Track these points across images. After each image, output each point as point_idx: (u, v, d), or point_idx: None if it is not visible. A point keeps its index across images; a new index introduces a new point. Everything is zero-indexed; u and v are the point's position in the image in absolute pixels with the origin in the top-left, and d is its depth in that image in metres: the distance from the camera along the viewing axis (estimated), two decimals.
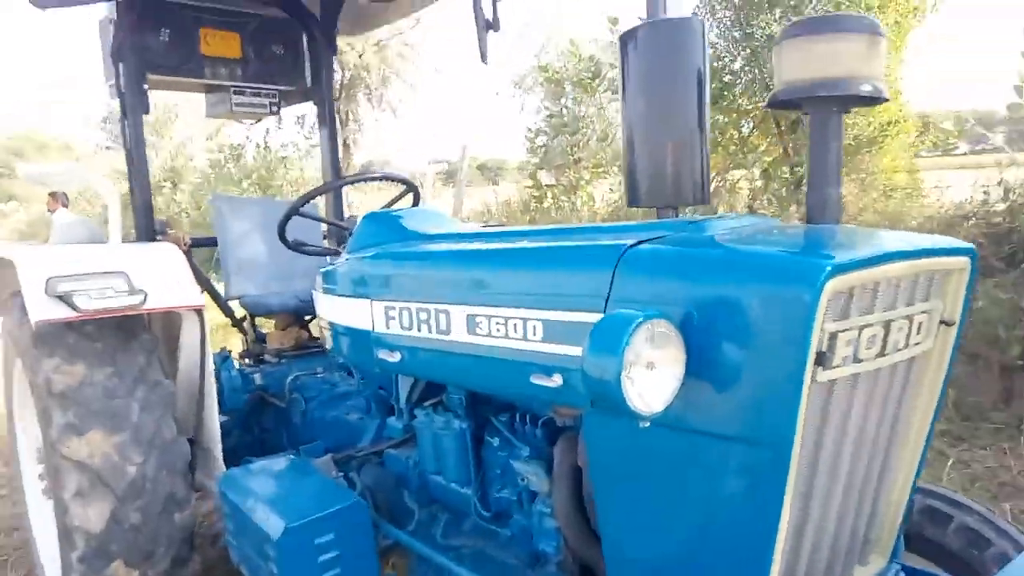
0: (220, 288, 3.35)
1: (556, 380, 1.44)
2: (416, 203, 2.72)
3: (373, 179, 2.69)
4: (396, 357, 1.92)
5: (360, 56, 15.90)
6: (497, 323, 1.56)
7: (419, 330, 1.81)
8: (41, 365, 2.44)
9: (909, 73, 7.56)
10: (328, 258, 2.57)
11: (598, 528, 1.52)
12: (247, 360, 3.33)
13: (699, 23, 1.52)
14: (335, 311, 2.21)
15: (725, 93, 7.45)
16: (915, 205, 6.72)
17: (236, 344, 3.67)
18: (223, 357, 3.04)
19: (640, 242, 1.35)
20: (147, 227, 3.07)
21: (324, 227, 3.54)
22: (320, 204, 3.84)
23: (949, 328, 1.42)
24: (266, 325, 3.55)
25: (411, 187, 2.65)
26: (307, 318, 3.41)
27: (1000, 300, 5.10)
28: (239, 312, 3.47)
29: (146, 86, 3.10)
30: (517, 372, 1.52)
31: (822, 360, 1.15)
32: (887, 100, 1.38)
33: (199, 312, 2.62)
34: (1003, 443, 4.41)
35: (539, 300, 1.47)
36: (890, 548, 1.59)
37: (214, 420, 2.69)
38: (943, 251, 1.34)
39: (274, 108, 3.60)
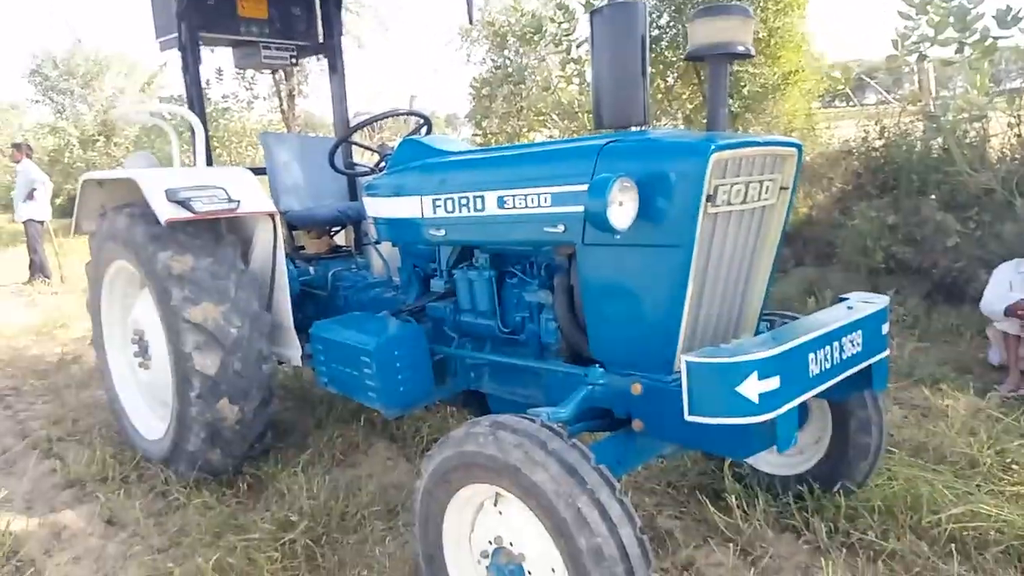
0: None
1: (560, 228, 2.43)
2: (429, 132, 3.63)
3: (399, 115, 3.60)
4: (442, 233, 2.87)
5: None
6: (519, 199, 2.53)
7: (460, 212, 2.76)
8: (158, 257, 3.29)
9: (816, 28, 8.64)
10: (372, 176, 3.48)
11: (584, 321, 2.54)
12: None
13: (643, 6, 2.46)
14: (388, 209, 3.12)
15: (653, 46, 8.43)
16: (808, 143, 7.96)
17: None
18: None
19: (609, 142, 2.34)
20: (208, 156, 3.89)
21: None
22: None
23: (784, 192, 2.47)
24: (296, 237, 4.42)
25: (427, 120, 3.58)
26: (336, 229, 4.30)
27: (871, 218, 6.36)
28: None
29: (200, 43, 3.90)
30: (534, 228, 2.51)
31: (711, 199, 2.17)
32: (753, 56, 2.38)
33: (272, 216, 3.49)
34: None
35: (548, 180, 2.44)
36: (753, 330, 2.65)
37: (286, 300, 3.59)
38: (782, 143, 2.38)
39: (293, 60, 4.42)
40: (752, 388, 1.97)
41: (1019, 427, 3.55)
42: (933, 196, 6.35)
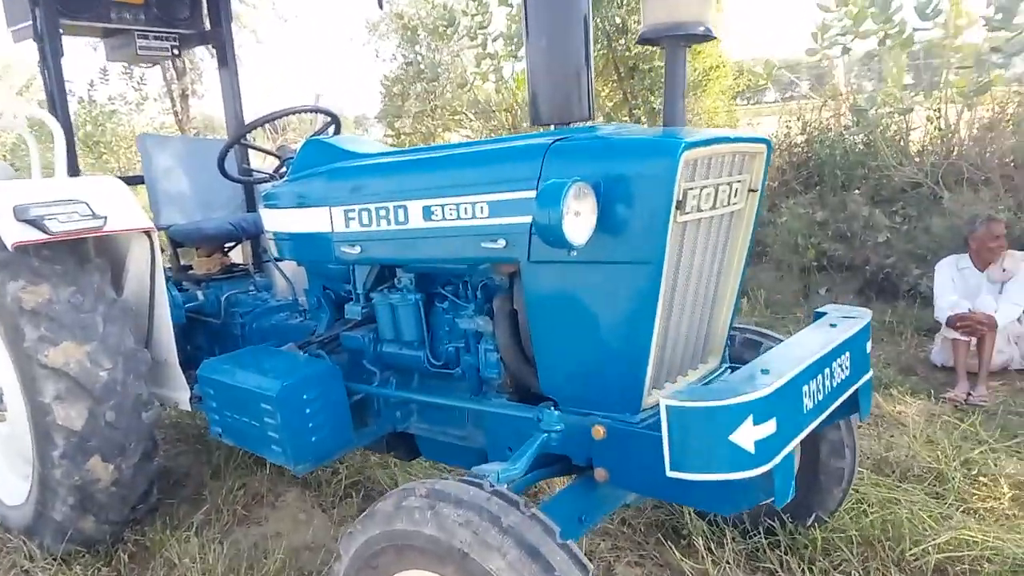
0: None
1: (500, 243, 2.02)
2: (337, 132, 3.15)
3: (302, 111, 3.09)
4: (356, 250, 2.41)
5: None
6: (450, 209, 2.11)
7: (379, 225, 2.32)
8: (7, 288, 2.69)
9: (728, 24, 8.63)
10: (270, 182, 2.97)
11: (531, 351, 2.14)
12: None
13: None
14: (290, 222, 2.64)
15: None
16: None
17: None
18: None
19: (557, 140, 1.95)
20: (72, 164, 3.28)
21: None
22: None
23: (753, 194, 2.14)
24: (183, 256, 3.84)
25: (335, 118, 3.09)
26: (229, 245, 3.74)
27: (799, 215, 6.26)
28: None
29: (61, 31, 3.28)
30: (469, 243, 2.09)
31: (680, 206, 1.81)
32: (715, 38, 2.05)
33: (148, 234, 2.94)
34: None
35: (484, 186, 2.03)
36: (721, 352, 2.33)
37: (169, 332, 3.03)
38: (751, 139, 2.05)
39: (175, 51, 3.83)
40: (747, 435, 1.62)
41: (977, 434, 3.39)
42: (857, 191, 6.30)
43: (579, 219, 1.75)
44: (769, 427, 1.64)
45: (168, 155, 3.63)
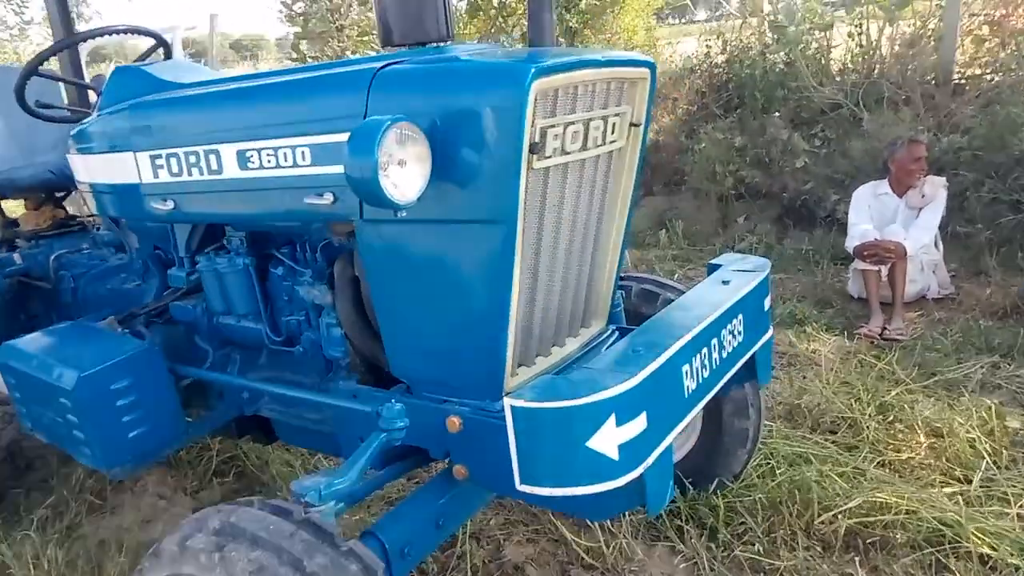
0: None
1: (328, 199, 1.63)
2: (168, 58, 2.65)
3: (116, 32, 2.55)
4: (169, 206, 1.99)
5: None
6: (268, 155, 1.70)
7: (190, 174, 1.89)
8: None
9: None
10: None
11: (378, 327, 1.79)
12: None
13: None
14: (96, 170, 2.19)
15: None
16: None
17: None
18: None
19: (387, 65, 1.55)
20: None
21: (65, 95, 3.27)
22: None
23: (637, 129, 1.79)
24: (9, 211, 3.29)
25: (161, 41, 2.58)
26: (60, 195, 3.21)
27: (718, 141, 5.96)
28: None
29: None
30: (291, 197, 1.70)
31: (535, 150, 1.45)
32: None
33: None
34: None
35: (304, 127, 1.62)
36: (606, 313, 2.02)
37: None
38: (628, 62, 1.68)
39: None
40: (609, 440, 1.32)
41: (893, 373, 3.23)
42: (777, 113, 6.02)
43: (405, 170, 1.37)
44: (637, 425, 1.35)
45: None
